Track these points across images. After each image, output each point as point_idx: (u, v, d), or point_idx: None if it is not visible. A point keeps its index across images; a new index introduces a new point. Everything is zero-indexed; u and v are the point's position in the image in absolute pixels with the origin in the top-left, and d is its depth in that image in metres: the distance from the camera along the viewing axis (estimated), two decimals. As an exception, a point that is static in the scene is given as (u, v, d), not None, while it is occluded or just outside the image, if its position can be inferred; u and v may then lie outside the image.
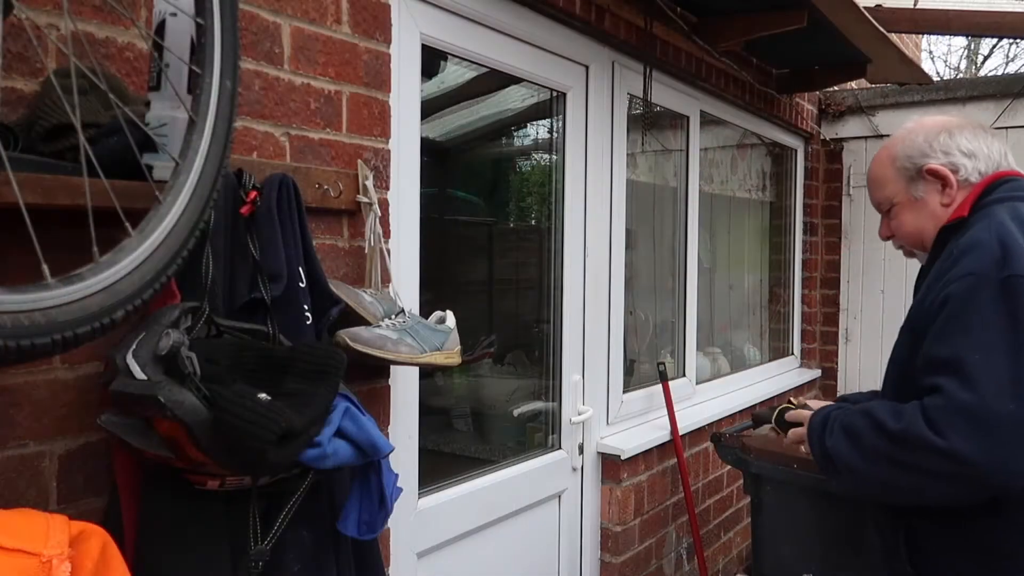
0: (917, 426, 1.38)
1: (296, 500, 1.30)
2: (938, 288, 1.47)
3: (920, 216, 1.62)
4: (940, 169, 1.59)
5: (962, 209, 1.56)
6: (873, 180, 1.70)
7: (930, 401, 1.39)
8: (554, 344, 2.73)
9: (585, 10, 2.53)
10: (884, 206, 1.68)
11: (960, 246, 1.48)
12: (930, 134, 1.61)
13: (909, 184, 1.62)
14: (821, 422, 1.60)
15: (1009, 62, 12.86)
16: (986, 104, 4.31)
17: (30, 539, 0.83)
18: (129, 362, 1.10)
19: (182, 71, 1.16)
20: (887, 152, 1.67)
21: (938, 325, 1.43)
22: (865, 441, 1.48)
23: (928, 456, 1.37)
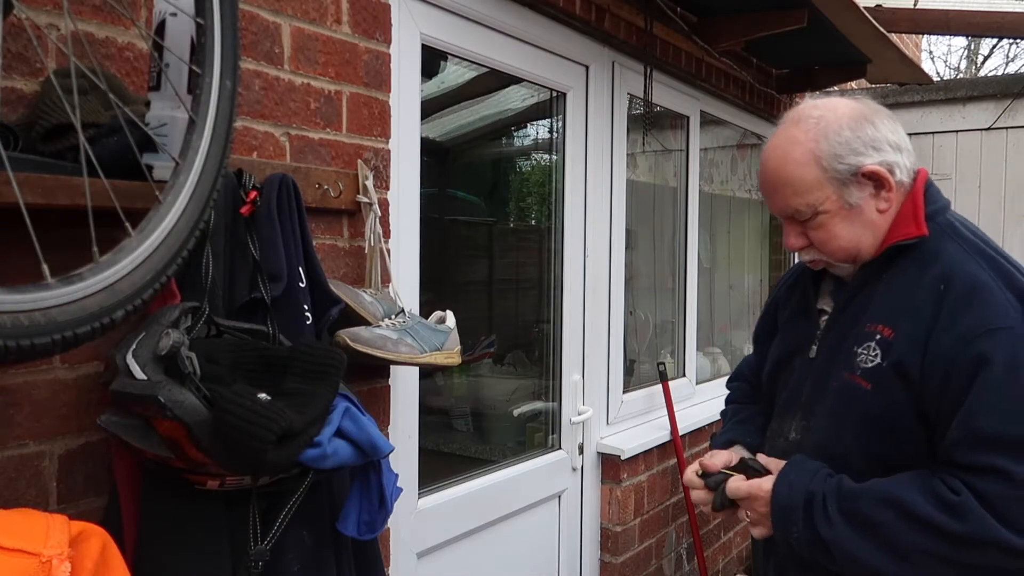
0: (989, 526, 1.16)
1: (296, 500, 1.30)
2: (949, 337, 1.23)
3: (855, 227, 1.34)
4: (879, 171, 1.32)
5: (918, 224, 1.34)
6: (786, 183, 1.35)
7: (994, 489, 1.17)
8: (554, 344, 2.73)
9: (585, 10, 2.54)
10: (805, 214, 1.35)
11: (955, 286, 1.27)
12: (854, 125, 1.34)
13: (841, 189, 1.32)
14: (804, 503, 1.30)
15: (1009, 62, 12.88)
16: (986, 104, 4.31)
17: (30, 539, 0.83)
18: (129, 362, 1.10)
19: (182, 71, 1.16)
20: (804, 149, 1.32)
21: (983, 392, 1.19)
22: (901, 538, 1.22)
23: (999, 556, 1.18)
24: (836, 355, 1.38)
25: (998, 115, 4.26)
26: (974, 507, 1.18)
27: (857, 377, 1.32)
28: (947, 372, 1.23)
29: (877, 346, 1.31)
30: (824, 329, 1.44)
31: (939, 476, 1.24)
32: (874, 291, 1.36)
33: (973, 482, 1.20)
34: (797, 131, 1.35)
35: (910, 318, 1.28)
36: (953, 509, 1.19)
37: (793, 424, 1.45)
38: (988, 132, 4.32)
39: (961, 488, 1.20)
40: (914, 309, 1.29)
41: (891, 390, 1.28)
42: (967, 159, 4.38)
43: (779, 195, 1.37)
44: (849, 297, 1.40)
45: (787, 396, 1.49)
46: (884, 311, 1.33)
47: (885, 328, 1.31)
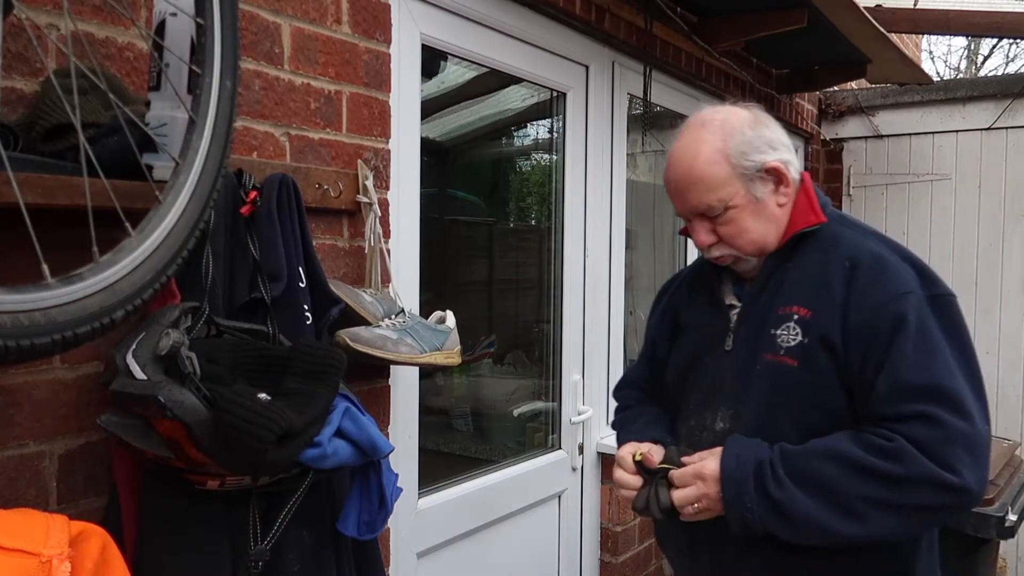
0: (922, 465, 1.26)
1: (296, 500, 1.30)
2: (866, 307, 1.34)
3: (761, 220, 1.44)
4: (780, 167, 1.43)
5: (816, 214, 1.45)
6: (699, 180, 1.42)
7: (924, 432, 1.27)
8: (554, 344, 2.73)
9: (585, 10, 2.54)
10: (716, 209, 1.43)
11: (862, 263, 1.38)
12: (754, 127, 1.45)
13: (748, 184, 1.42)
14: (754, 471, 1.35)
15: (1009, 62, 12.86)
16: (986, 104, 4.31)
17: (30, 539, 0.83)
18: (129, 362, 1.10)
19: (182, 71, 1.16)
20: (713, 147, 1.42)
21: (902, 349, 1.31)
22: (847, 489, 1.29)
23: (937, 494, 1.27)
24: (756, 341, 1.45)
25: (998, 115, 4.26)
26: (908, 449, 1.27)
27: (781, 356, 1.40)
28: (869, 336, 1.34)
29: (796, 325, 1.41)
30: (737, 321, 1.51)
31: (868, 431, 1.33)
32: (782, 278, 1.46)
33: (902, 429, 1.29)
34: (704, 132, 1.45)
35: (825, 296, 1.39)
36: (890, 453, 1.28)
37: (719, 415, 1.49)
38: (988, 132, 4.31)
39: (893, 435, 1.29)
40: (827, 287, 1.39)
41: (816, 364, 1.37)
42: (967, 159, 4.38)
43: (692, 193, 1.44)
44: (760, 287, 1.48)
45: (705, 391, 1.53)
46: (797, 294, 1.42)
47: (800, 309, 1.41)
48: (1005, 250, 4.28)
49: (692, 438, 1.52)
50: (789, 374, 1.39)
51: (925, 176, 4.51)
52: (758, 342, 1.44)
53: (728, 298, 1.55)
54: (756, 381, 1.43)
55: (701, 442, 1.50)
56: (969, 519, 2.51)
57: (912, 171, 4.55)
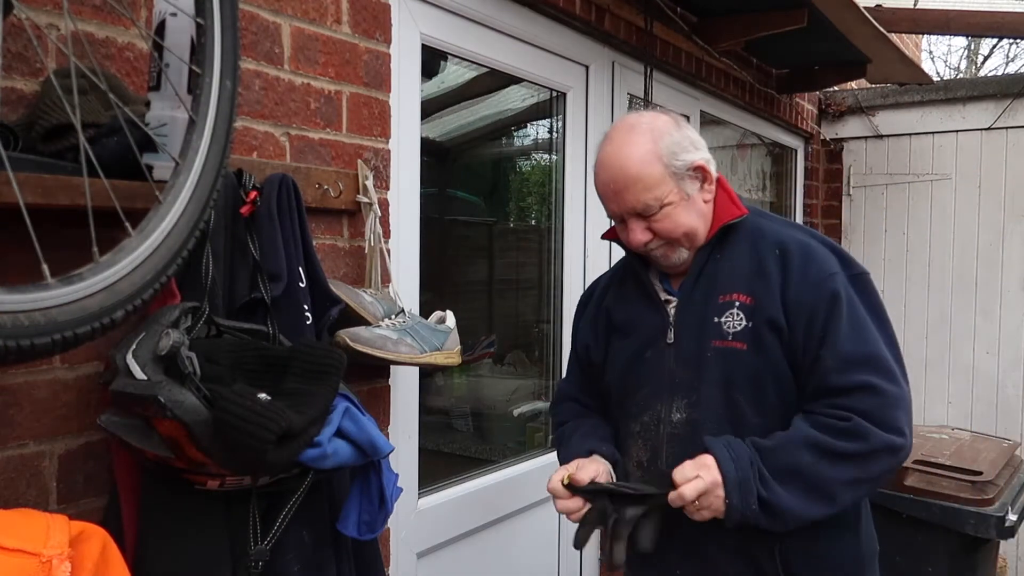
0: (878, 436, 1.38)
1: (296, 500, 1.30)
2: (802, 287, 1.45)
3: (692, 215, 1.53)
4: (705, 165, 1.53)
5: (738, 207, 1.56)
6: (636, 180, 1.48)
7: (869, 402, 1.39)
8: (554, 344, 2.73)
9: (585, 10, 2.54)
10: (653, 207, 1.50)
11: (791, 250, 1.49)
12: (677, 129, 1.54)
13: (680, 182, 1.51)
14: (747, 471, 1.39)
15: (1009, 62, 12.86)
16: (986, 104, 4.31)
17: (30, 539, 0.83)
18: (129, 362, 1.10)
19: (182, 71, 1.16)
20: (645, 149, 1.49)
21: (839, 325, 1.42)
22: (821, 474, 1.38)
23: (891, 458, 1.40)
24: (700, 330, 1.53)
25: (998, 115, 4.26)
26: (863, 425, 1.38)
27: (730, 342, 1.49)
28: (809, 314, 1.45)
29: (739, 311, 1.50)
30: (676, 313, 1.57)
31: (819, 411, 1.42)
32: (716, 269, 1.55)
33: (849, 403, 1.40)
34: (635, 136, 1.52)
35: (763, 281, 1.49)
36: (850, 433, 1.39)
37: (674, 406, 1.54)
38: (988, 132, 4.31)
39: (845, 414, 1.39)
40: (763, 274, 1.50)
41: (764, 344, 1.47)
42: (967, 159, 4.38)
43: (630, 192, 1.50)
44: (693, 278, 1.56)
45: (653, 385, 1.57)
46: (733, 282, 1.52)
47: (741, 296, 1.51)
48: (1005, 250, 4.28)
49: (648, 433, 1.57)
50: (740, 356, 1.48)
51: (925, 176, 4.51)
52: (703, 331, 1.52)
53: (661, 294, 1.61)
54: (708, 367, 1.50)
55: (659, 435, 1.55)
56: (969, 519, 2.51)
57: (912, 171, 4.55)
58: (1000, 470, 2.69)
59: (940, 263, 4.45)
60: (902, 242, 4.56)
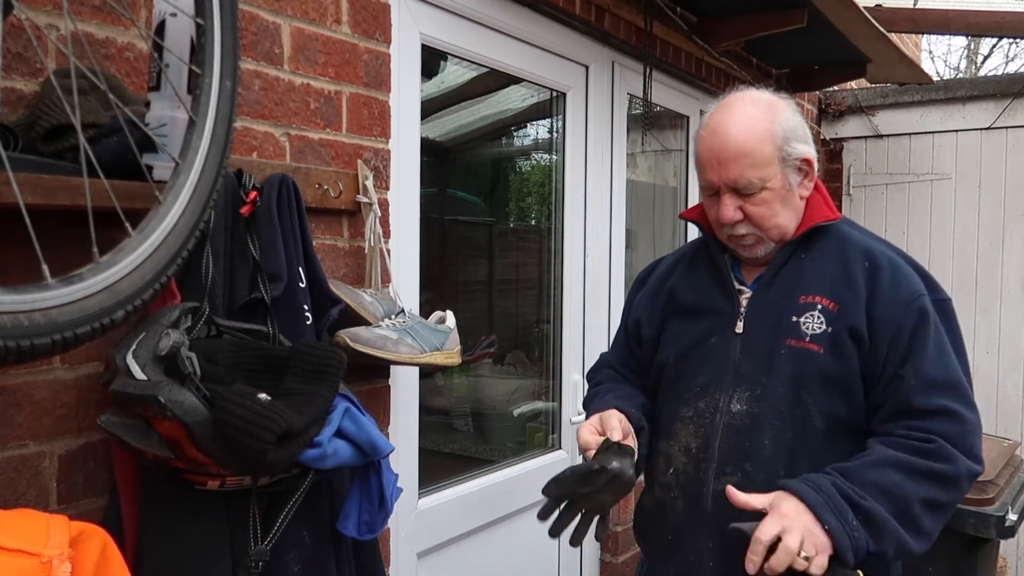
0: (961, 460, 1.35)
1: (296, 500, 1.30)
2: (891, 303, 1.42)
3: (788, 207, 1.47)
4: (813, 161, 1.48)
5: (832, 211, 1.52)
6: (748, 153, 1.42)
7: (950, 427, 1.36)
8: (554, 344, 2.73)
9: (585, 10, 2.53)
10: (755, 186, 1.43)
11: (880, 264, 1.46)
12: (797, 116, 1.49)
13: (786, 170, 1.45)
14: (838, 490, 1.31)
15: (1009, 62, 12.86)
16: (986, 104, 4.30)
17: (30, 539, 0.83)
18: (129, 362, 1.10)
19: (182, 71, 1.16)
20: (764, 127, 1.43)
21: (924, 346, 1.39)
22: (910, 493, 1.32)
23: (969, 484, 1.38)
24: (775, 326, 1.48)
25: (998, 115, 4.26)
26: (948, 448, 1.34)
27: (807, 343, 1.45)
28: (896, 330, 1.41)
29: (820, 315, 1.45)
30: (749, 306, 1.52)
31: (899, 434, 1.38)
32: (799, 268, 1.50)
33: (930, 426, 1.36)
34: (755, 110, 1.46)
35: (850, 290, 1.45)
36: (936, 454, 1.34)
37: (734, 396, 1.49)
38: (988, 132, 4.31)
39: (929, 436, 1.35)
40: (850, 282, 1.45)
41: (843, 352, 1.42)
42: (967, 159, 4.38)
43: (736, 165, 1.43)
44: (773, 273, 1.51)
45: (712, 373, 1.52)
46: (818, 284, 1.47)
47: (824, 299, 1.46)
48: (1005, 250, 4.28)
49: (701, 420, 1.51)
50: (815, 359, 1.43)
51: (925, 176, 4.51)
52: (778, 327, 1.47)
53: (733, 282, 1.56)
54: (781, 364, 1.45)
55: (714, 424, 1.49)
56: (969, 519, 2.51)
57: (912, 171, 4.55)
58: (1000, 470, 2.69)
59: (940, 263, 4.44)
60: (902, 242, 4.56)
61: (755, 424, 1.45)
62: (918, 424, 1.37)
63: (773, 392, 1.45)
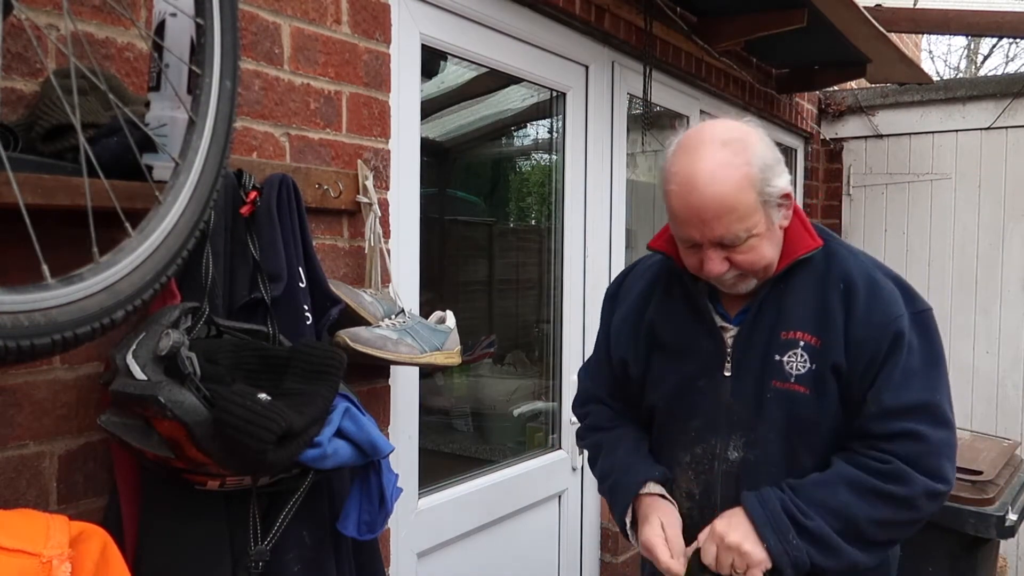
0: (919, 482, 1.33)
1: (296, 500, 1.30)
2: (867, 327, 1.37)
3: (773, 244, 1.39)
4: (791, 193, 1.39)
5: (813, 237, 1.43)
6: (732, 208, 1.31)
7: (911, 449, 1.34)
8: (554, 344, 2.73)
9: (585, 10, 2.53)
10: (739, 240, 1.34)
11: (856, 286, 1.40)
12: (769, 148, 1.37)
13: (769, 211, 1.36)
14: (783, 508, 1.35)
15: (1009, 62, 12.86)
16: (986, 104, 4.30)
17: (30, 539, 0.83)
18: (129, 362, 1.10)
19: (182, 71, 1.16)
20: (741, 173, 1.31)
21: (891, 370, 1.36)
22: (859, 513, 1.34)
23: (931, 503, 1.36)
24: (761, 368, 1.43)
25: (998, 115, 4.26)
26: (904, 469, 1.33)
27: (792, 384, 1.41)
28: (870, 356, 1.37)
29: (803, 352, 1.40)
30: (735, 345, 1.46)
31: (859, 451, 1.38)
32: (780, 301, 1.43)
33: (893, 450, 1.35)
34: (729, 153, 1.32)
35: (829, 321, 1.40)
36: (890, 475, 1.34)
37: (731, 443, 1.46)
38: (988, 132, 4.31)
39: (886, 457, 1.35)
40: (830, 312, 1.40)
41: (828, 390, 1.39)
42: (967, 159, 4.38)
43: (720, 222, 1.32)
44: (756, 310, 1.45)
45: (707, 418, 1.48)
46: (798, 319, 1.42)
47: (806, 335, 1.41)
48: (1005, 250, 4.28)
49: (700, 467, 1.50)
50: (802, 401, 1.40)
51: (925, 176, 4.51)
52: (763, 369, 1.42)
53: (715, 318, 1.50)
54: (769, 408, 1.42)
55: (713, 471, 1.48)
56: (969, 519, 2.51)
57: (912, 171, 4.55)
58: (1000, 470, 2.69)
59: (940, 263, 4.45)
60: (902, 242, 4.56)
61: (752, 471, 1.45)
62: (879, 445, 1.36)
63: (765, 438, 1.43)
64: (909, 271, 4.52)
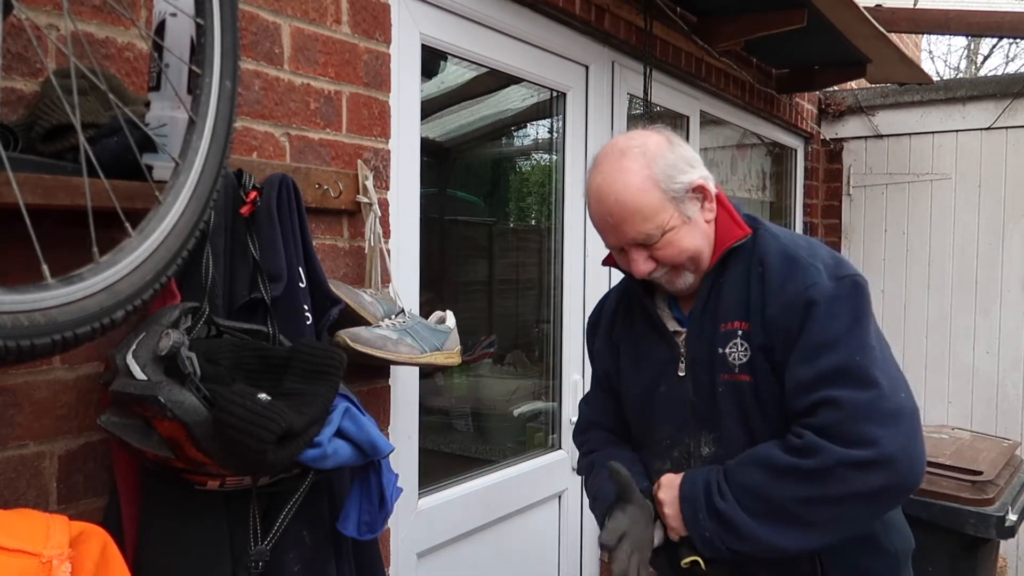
0: (832, 451, 1.28)
1: (296, 500, 1.30)
2: (779, 305, 1.38)
3: (695, 236, 1.44)
4: (704, 184, 1.44)
5: (740, 226, 1.47)
6: (635, 211, 1.39)
7: (828, 417, 1.30)
8: (554, 344, 2.73)
9: (585, 10, 2.54)
10: (655, 236, 1.41)
11: (770, 263, 1.42)
12: (671, 148, 1.44)
13: (680, 206, 1.42)
14: (704, 489, 1.40)
15: (1009, 62, 12.86)
16: (986, 104, 4.31)
17: (30, 539, 0.83)
18: (129, 362, 1.10)
19: (182, 71, 1.16)
20: (642, 176, 1.39)
21: (803, 343, 1.35)
22: (774, 493, 1.33)
23: (860, 474, 1.28)
24: (709, 363, 1.46)
25: (998, 115, 4.26)
26: (816, 441, 1.31)
27: (736, 375, 1.44)
28: (784, 334, 1.38)
29: (742, 341, 1.44)
30: (686, 345, 1.50)
31: (791, 431, 1.37)
32: (718, 294, 1.48)
33: (810, 422, 1.33)
34: (627, 161, 1.41)
35: (752, 306, 1.43)
36: (802, 450, 1.32)
37: (702, 440, 1.50)
38: (988, 132, 4.32)
39: (802, 431, 1.33)
40: (751, 298, 1.43)
41: (764, 373, 1.41)
42: (967, 159, 4.38)
43: (629, 224, 1.41)
44: (700, 307, 1.49)
45: (676, 420, 1.52)
46: (732, 308, 1.45)
47: (739, 323, 1.44)
48: (1005, 250, 4.28)
49: (679, 469, 1.52)
50: (748, 390, 1.43)
51: (925, 176, 4.51)
52: (712, 363, 1.46)
53: (669, 323, 1.54)
54: (723, 401, 1.45)
55: None
56: (969, 519, 2.51)
57: (912, 171, 4.55)
58: (1000, 470, 2.69)
59: (940, 263, 4.45)
60: (902, 242, 4.56)
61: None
62: (802, 422, 1.35)
63: (729, 432, 1.46)
64: (909, 271, 4.53)
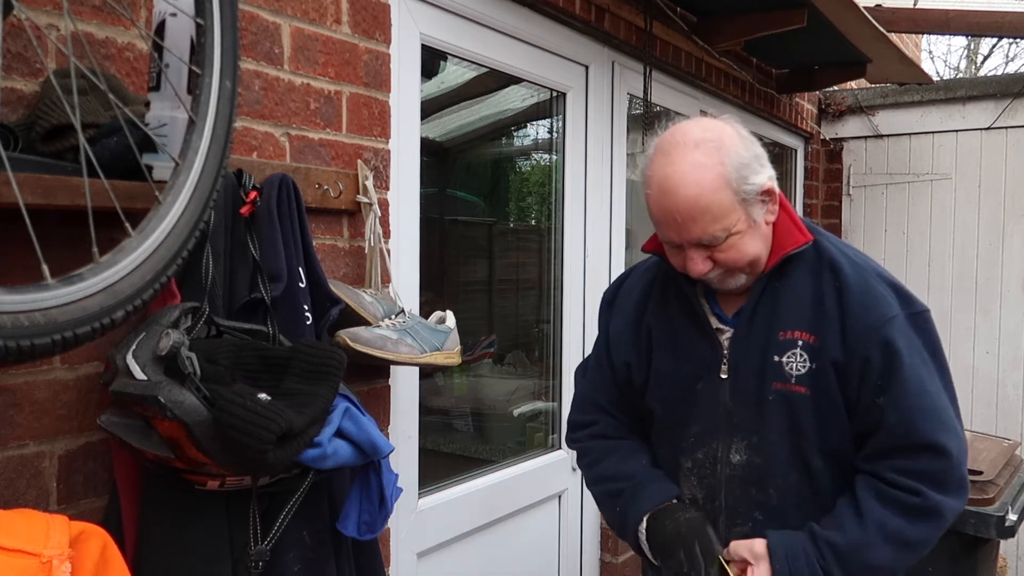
0: (943, 504, 1.34)
1: (296, 500, 1.30)
2: (859, 330, 1.36)
3: (757, 239, 1.38)
4: (773, 187, 1.38)
5: (803, 232, 1.43)
6: (706, 210, 1.31)
7: (935, 465, 1.34)
8: (554, 344, 2.73)
9: (585, 10, 2.53)
10: (718, 239, 1.34)
11: (848, 279, 1.39)
12: (745, 144, 1.38)
13: (748, 209, 1.35)
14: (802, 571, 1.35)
15: (1009, 62, 12.86)
16: (986, 104, 4.31)
17: (30, 539, 0.83)
18: (129, 362, 1.10)
19: (182, 71, 1.16)
20: (715, 173, 1.31)
21: (900, 378, 1.34)
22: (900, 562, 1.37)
23: (952, 519, 1.37)
24: (760, 369, 1.42)
25: (998, 115, 4.26)
26: (932, 499, 1.33)
27: (792, 385, 1.40)
28: (864, 361, 1.36)
29: (802, 352, 1.39)
30: (732, 347, 1.45)
31: (884, 476, 1.35)
32: (775, 300, 1.42)
33: (915, 466, 1.34)
34: (700, 155, 1.33)
35: (827, 320, 1.39)
36: (920, 512, 1.34)
37: (733, 446, 1.46)
38: (988, 132, 4.31)
39: (914, 485, 1.33)
40: (826, 311, 1.39)
41: (829, 388, 1.38)
42: (967, 159, 4.38)
43: (696, 224, 1.33)
44: (751, 309, 1.44)
45: (707, 421, 1.48)
46: (796, 317, 1.41)
47: (804, 334, 1.40)
48: (1005, 250, 4.28)
49: (702, 471, 1.49)
50: (804, 402, 1.39)
51: (925, 176, 4.51)
52: (763, 370, 1.41)
53: (711, 320, 1.49)
54: (771, 411, 1.41)
55: (716, 475, 1.48)
56: (969, 519, 2.51)
57: (912, 171, 4.55)
58: (1000, 470, 2.69)
59: (940, 263, 4.44)
60: (902, 242, 4.56)
61: (758, 474, 1.44)
62: (902, 464, 1.34)
63: (769, 442, 1.42)
64: (909, 271, 4.52)
